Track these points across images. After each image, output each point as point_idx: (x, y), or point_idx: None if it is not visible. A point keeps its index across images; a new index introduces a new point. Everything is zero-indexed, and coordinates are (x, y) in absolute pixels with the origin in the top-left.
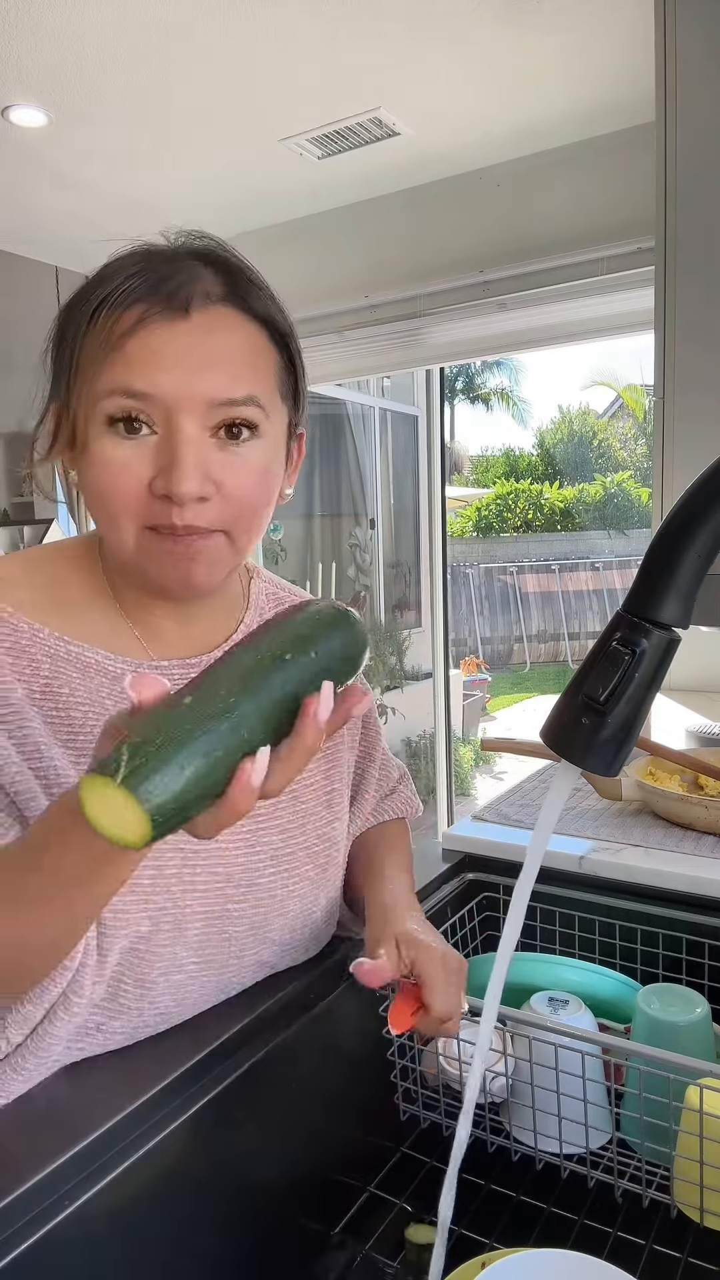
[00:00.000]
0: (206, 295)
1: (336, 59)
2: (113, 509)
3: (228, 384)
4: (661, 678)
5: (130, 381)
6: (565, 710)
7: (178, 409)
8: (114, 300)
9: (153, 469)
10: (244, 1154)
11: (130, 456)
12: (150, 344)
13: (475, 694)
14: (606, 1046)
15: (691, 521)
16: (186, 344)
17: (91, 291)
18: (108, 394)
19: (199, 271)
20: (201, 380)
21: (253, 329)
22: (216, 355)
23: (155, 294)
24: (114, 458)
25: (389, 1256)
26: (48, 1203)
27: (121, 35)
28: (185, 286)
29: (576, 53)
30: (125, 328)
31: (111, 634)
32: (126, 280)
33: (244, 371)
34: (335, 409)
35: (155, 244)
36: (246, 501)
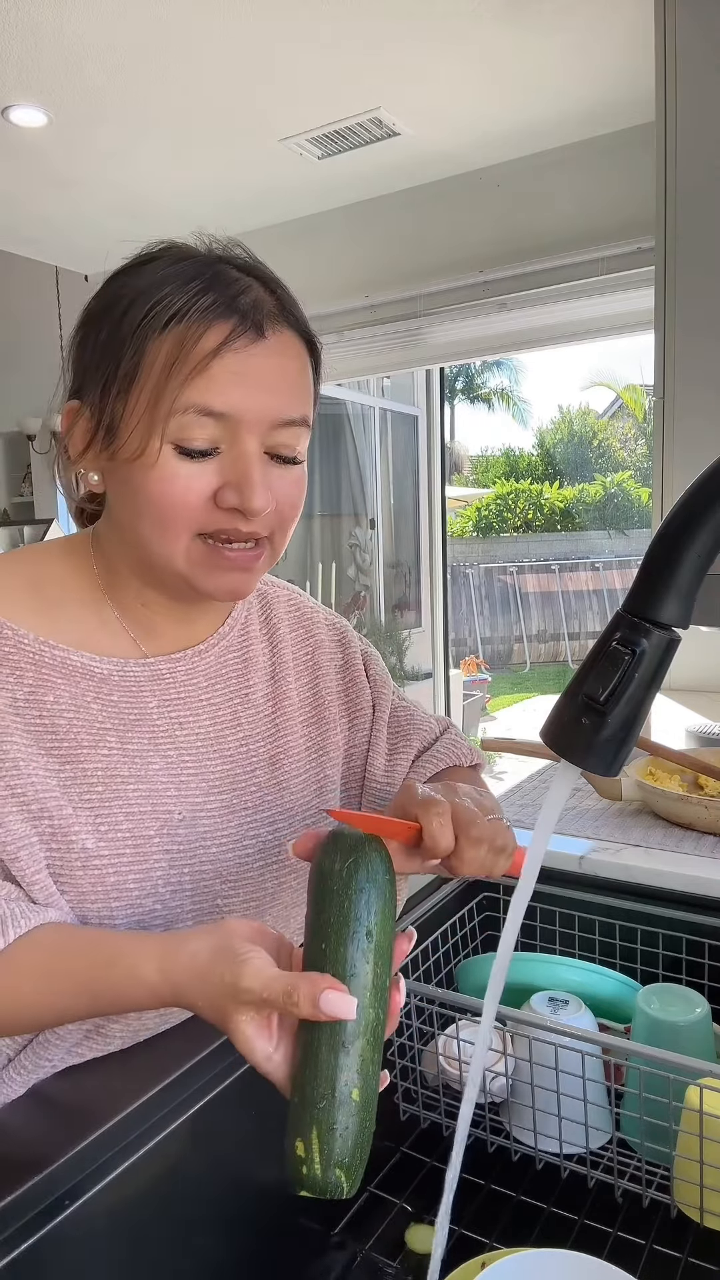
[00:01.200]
0: (271, 315)
1: (336, 59)
2: (170, 519)
3: (291, 405)
4: (661, 678)
5: (210, 401)
6: (565, 710)
7: (246, 428)
8: (189, 315)
9: (217, 482)
10: (244, 1154)
11: (195, 471)
12: (233, 366)
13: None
14: (606, 1046)
15: (691, 521)
16: (262, 366)
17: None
18: (183, 410)
19: (256, 289)
20: (272, 402)
21: (302, 348)
22: (285, 378)
23: (232, 314)
24: (181, 472)
25: (389, 1256)
26: (48, 1203)
27: (121, 35)
28: (257, 307)
29: (576, 53)
30: (208, 348)
31: (101, 632)
32: (197, 295)
33: (301, 393)
34: (335, 409)
35: (189, 248)
36: (293, 511)
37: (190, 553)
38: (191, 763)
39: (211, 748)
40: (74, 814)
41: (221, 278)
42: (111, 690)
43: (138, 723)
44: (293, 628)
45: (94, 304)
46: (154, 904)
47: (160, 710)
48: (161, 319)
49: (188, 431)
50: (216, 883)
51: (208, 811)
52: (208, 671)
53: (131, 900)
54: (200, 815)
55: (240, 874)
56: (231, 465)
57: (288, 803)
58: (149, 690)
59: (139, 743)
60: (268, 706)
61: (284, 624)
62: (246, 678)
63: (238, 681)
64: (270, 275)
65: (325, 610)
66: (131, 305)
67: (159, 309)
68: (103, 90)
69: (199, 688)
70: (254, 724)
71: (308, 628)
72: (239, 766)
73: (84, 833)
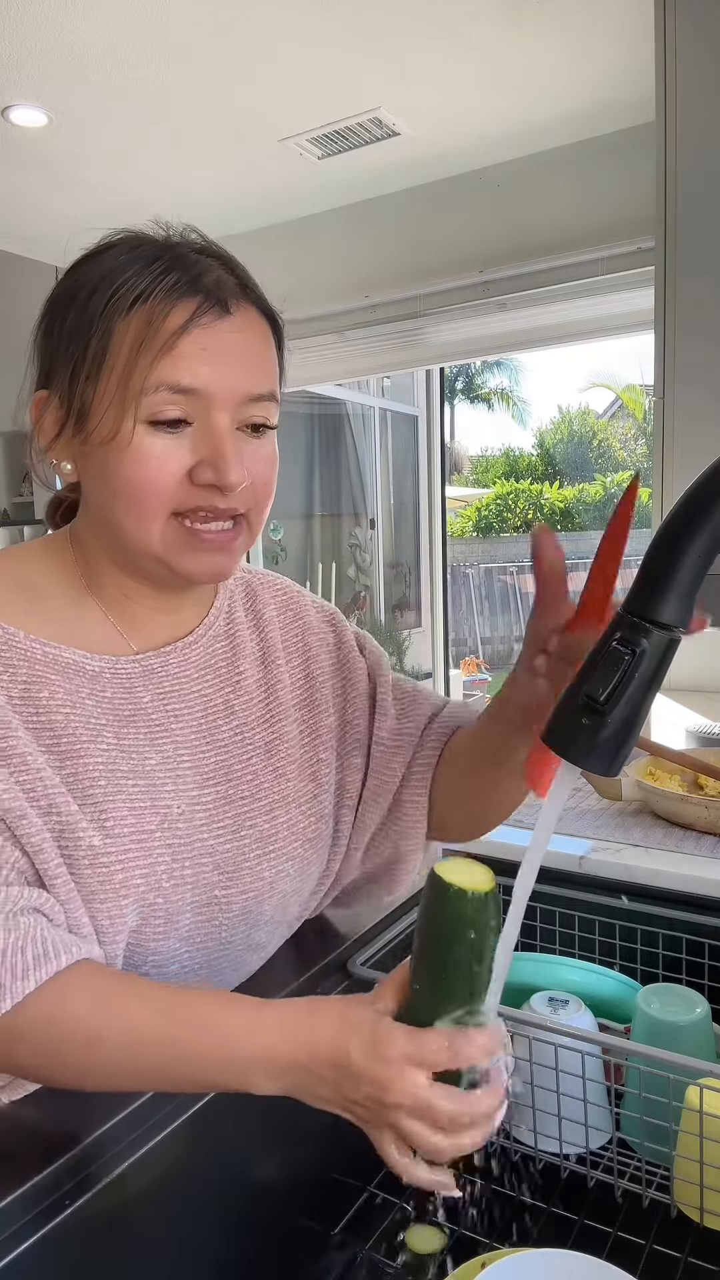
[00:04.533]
0: (234, 293)
1: (336, 59)
2: (146, 499)
3: (260, 379)
4: (662, 677)
5: (179, 377)
6: (565, 710)
7: (216, 404)
8: (154, 295)
9: (191, 459)
10: (244, 1154)
11: (169, 449)
12: (201, 342)
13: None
14: (606, 1046)
15: (691, 521)
16: (229, 341)
17: (112, 282)
18: (154, 389)
19: (215, 267)
20: (241, 376)
21: (266, 325)
22: (252, 353)
23: (197, 292)
24: (154, 450)
25: (389, 1257)
26: (48, 1203)
27: (121, 35)
28: (220, 285)
29: (576, 53)
30: (176, 324)
31: (88, 629)
32: (160, 276)
33: (268, 367)
34: (335, 409)
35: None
36: (268, 487)
37: (166, 534)
38: (187, 755)
39: (205, 739)
40: (79, 811)
41: (182, 259)
42: (104, 686)
43: (132, 718)
44: (280, 611)
45: (56, 292)
46: (156, 898)
47: (155, 704)
48: (127, 300)
49: (158, 409)
50: (214, 874)
51: (203, 804)
52: (198, 663)
53: (138, 895)
54: (196, 808)
55: (238, 865)
56: (205, 441)
57: (284, 790)
58: (141, 685)
59: (135, 738)
60: (260, 692)
61: (270, 608)
62: (237, 665)
63: (228, 670)
64: (227, 256)
65: (313, 596)
66: (96, 289)
67: (124, 290)
68: (103, 90)
69: (191, 679)
70: (248, 710)
71: (295, 611)
72: (234, 756)
73: (90, 830)
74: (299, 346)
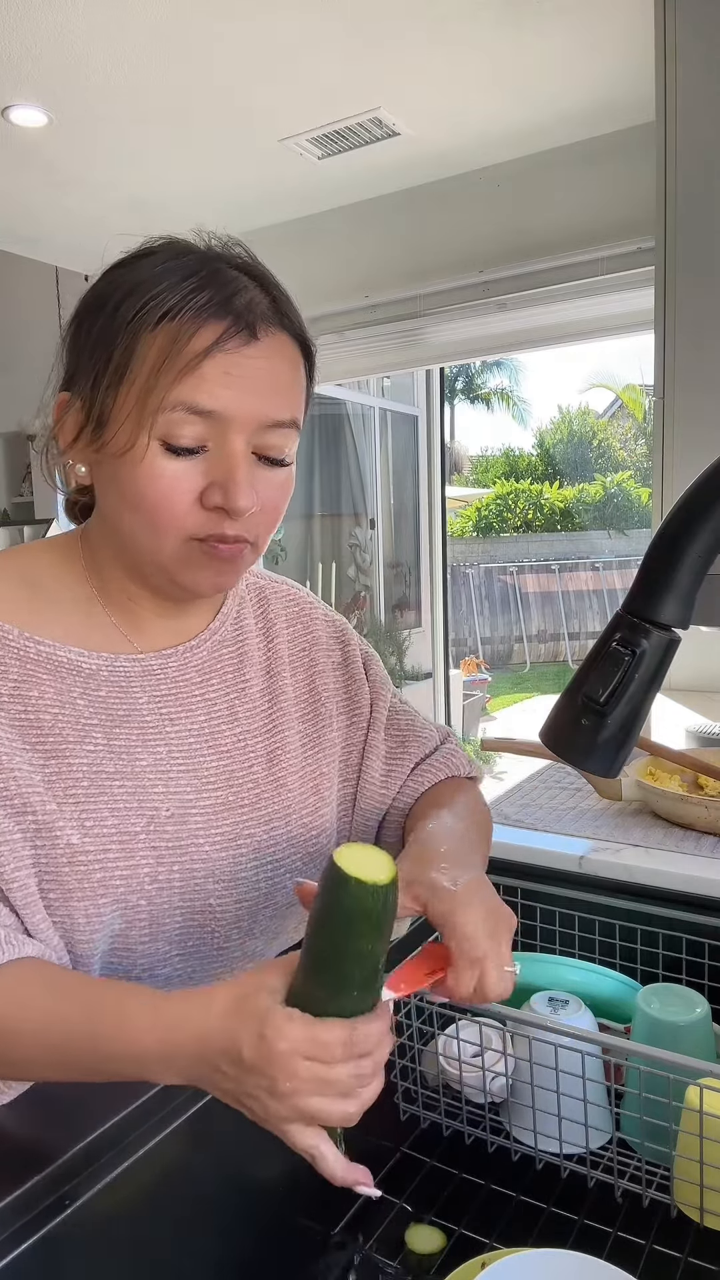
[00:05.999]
0: (265, 317)
1: (336, 59)
2: (159, 519)
3: (280, 407)
4: (661, 678)
5: (199, 399)
6: (565, 711)
7: (234, 428)
8: (183, 313)
9: (203, 481)
10: (244, 1154)
11: (182, 469)
12: (224, 365)
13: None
14: (606, 1046)
15: (691, 521)
16: (254, 368)
17: (143, 294)
18: (172, 408)
19: (254, 291)
20: (261, 403)
21: (295, 351)
22: (276, 380)
23: (226, 315)
24: (167, 469)
25: (389, 1256)
26: (48, 1203)
27: (121, 35)
28: (251, 309)
29: (576, 53)
30: (200, 347)
31: (91, 629)
32: (192, 294)
33: (292, 395)
34: (335, 409)
35: (188, 244)
36: (277, 513)
37: (181, 553)
38: (182, 759)
39: (206, 743)
40: (58, 809)
41: (218, 276)
42: (99, 686)
43: (126, 718)
44: (290, 623)
45: (89, 296)
46: (139, 900)
47: (150, 706)
48: (155, 315)
49: (175, 429)
50: (209, 882)
51: (200, 809)
52: (201, 667)
53: (117, 897)
54: (191, 812)
55: (234, 874)
56: (218, 464)
57: (285, 801)
58: (139, 685)
59: (126, 738)
60: (264, 702)
61: (281, 619)
62: (242, 672)
63: (234, 676)
64: (267, 276)
65: (325, 607)
66: (125, 299)
67: (152, 305)
68: (103, 90)
69: (192, 683)
70: (251, 719)
71: (305, 623)
72: (235, 762)
73: (69, 828)
74: None
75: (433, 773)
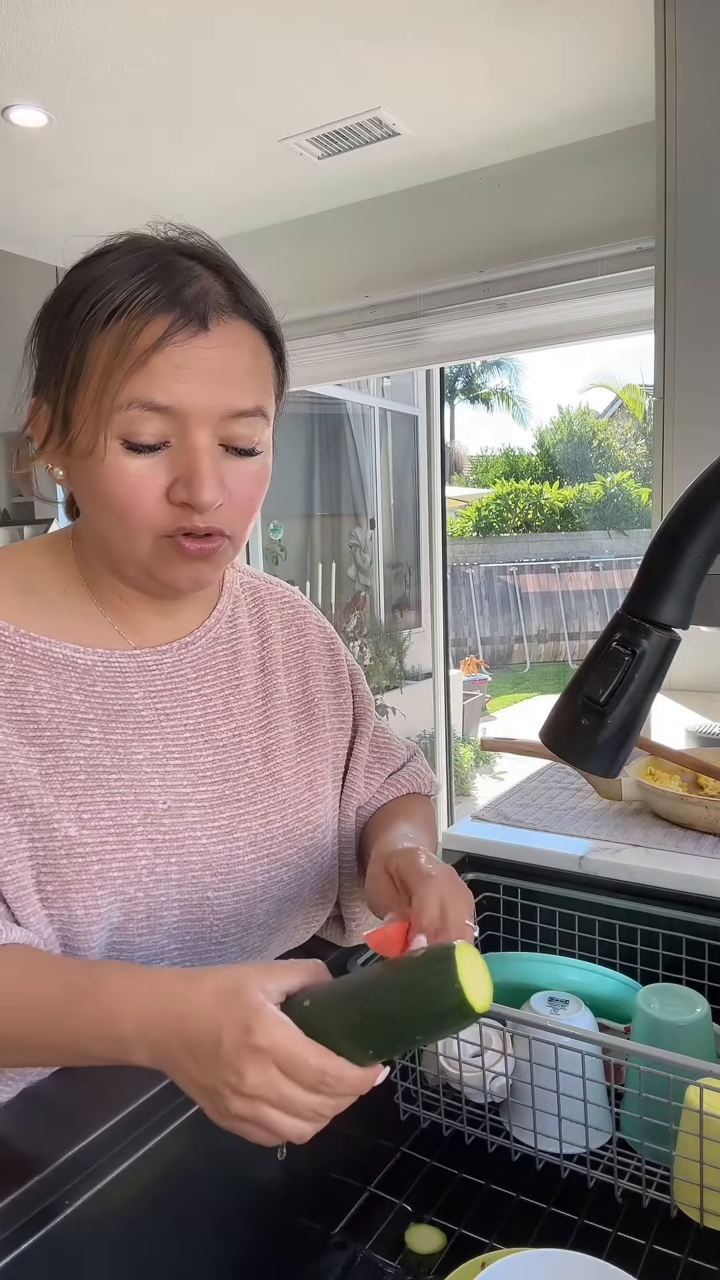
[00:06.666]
0: (219, 306)
1: (336, 59)
2: (129, 518)
3: (240, 396)
4: (661, 678)
5: (153, 395)
6: (565, 711)
7: (194, 421)
8: (131, 310)
9: (168, 477)
10: (244, 1154)
11: (145, 467)
12: (174, 359)
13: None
14: (606, 1046)
15: (691, 521)
16: (207, 359)
17: (94, 293)
18: (126, 405)
19: (206, 280)
20: (219, 394)
21: (257, 338)
22: (232, 369)
23: (174, 308)
24: (130, 468)
25: (389, 1256)
26: (48, 1203)
27: (121, 35)
28: (201, 299)
29: (576, 53)
30: (149, 342)
31: (86, 626)
32: (140, 289)
33: (253, 383)
34: (335, 409)
35: (146, 238)
36: (251, 505)
37: (155, 549)
38: (178, 753)
39: (202, 738)
40: (55, 802)
41: (168, 268)
42: (95, 681)
43: (122, 713)
44: (285, 624)
45: (49, 299)
46: (136, 892)
47: (146, 701)
48: (104, 314)
49: (134, 426)
50: (205, 874)
51: (197, 802)
52: (196, 663)
53: (115, 889)
54: (188, 805)
55: (231, 866)
56: (181, 459)
57: (280, 795)
58: (134, 681)
59: (122, 733)
60: (258, 699)
61: (275, 620)
62: (236, 669)
63: (228, 672)
64: (224, 263)
65: (316, 612)
66: (78, 300)
67: (102, 304)
68: (103, 90)
69: (187, 679)
70: (245, 714)
71: (299, 626)
72: (231, 756)
73: (66, 820)
74: (299, 347)
75: (398, 786)
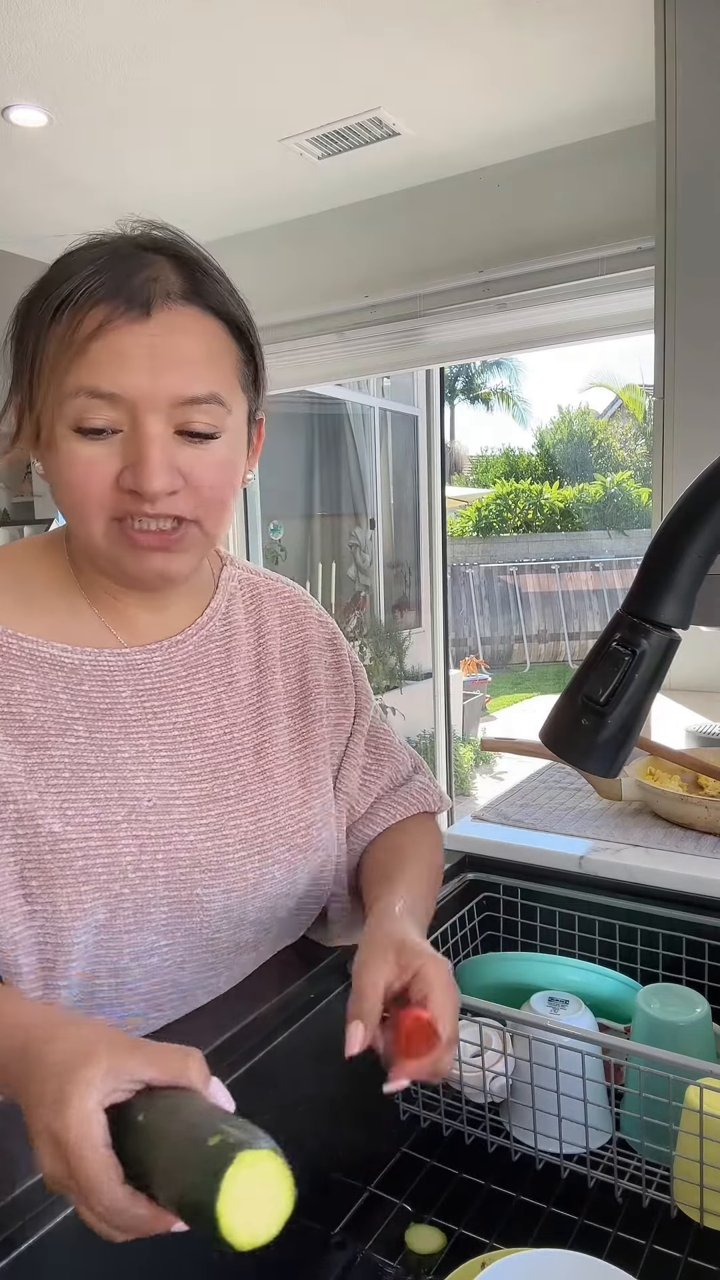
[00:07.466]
0: (167, 294)
1: (336, 59)
2: (80, 504)
3: (189, 382)
4: (661, 678)
5: (96, 383)
6: (565, 711)
7: (142, 408)
8: (76, 300)
9: (120, 463)
10: None
11: (96, 454)
12: (113, 345)
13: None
14: (606, 1046)
15: (691, 521)
16: (149, 344)
17: (52, 287)
18: (73, 394)
19: (160, 268)
20: (164, 380)
21: (212, 326)
22: (178, 355)
23: (117, 295)
24: (81, 455)
25: (389, 1256)
26: (48, 1202)
27: (121, 35)
28: (146, 286)
29: (576, 53)
30: (89, 330)
31: (76, 624)
32: (88, 279)
33: (204, 370)
34: (335, 409)
35: (112, 234)
36: (216, 492)
37: (109, 536)
38: (165, 750)
39: (190, 736)
40: (40, 799)
41: (122, 260)
42: (83, 680)
43: (108, 712)
44: (284, 620)
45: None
46: (122, 888)
47: (133, 699)
48: (53, 306)
49: (82, 414)
50: (194, 871)
51: (184, 799)
52: (187, 661)
53: (100, 884)
54: (174, 802)
55: (220, 863)
56: (131, 447)
57: (272, 792)
58: (122, 680)
59: (108, 731)
60: (252, 695)
61: (274, 615)
62: (229, 666)
63: (221, 670)
64: (188, 254)
65: (318, 607)
66: (37, 297)
67: (53, 296)
68: (103, 90)
69: (177, 677)
70: (238, 712)
71: (299, 621)
72: (221, 754)
73: (50, 817)
74: (299, 347)
75: (405, 805)
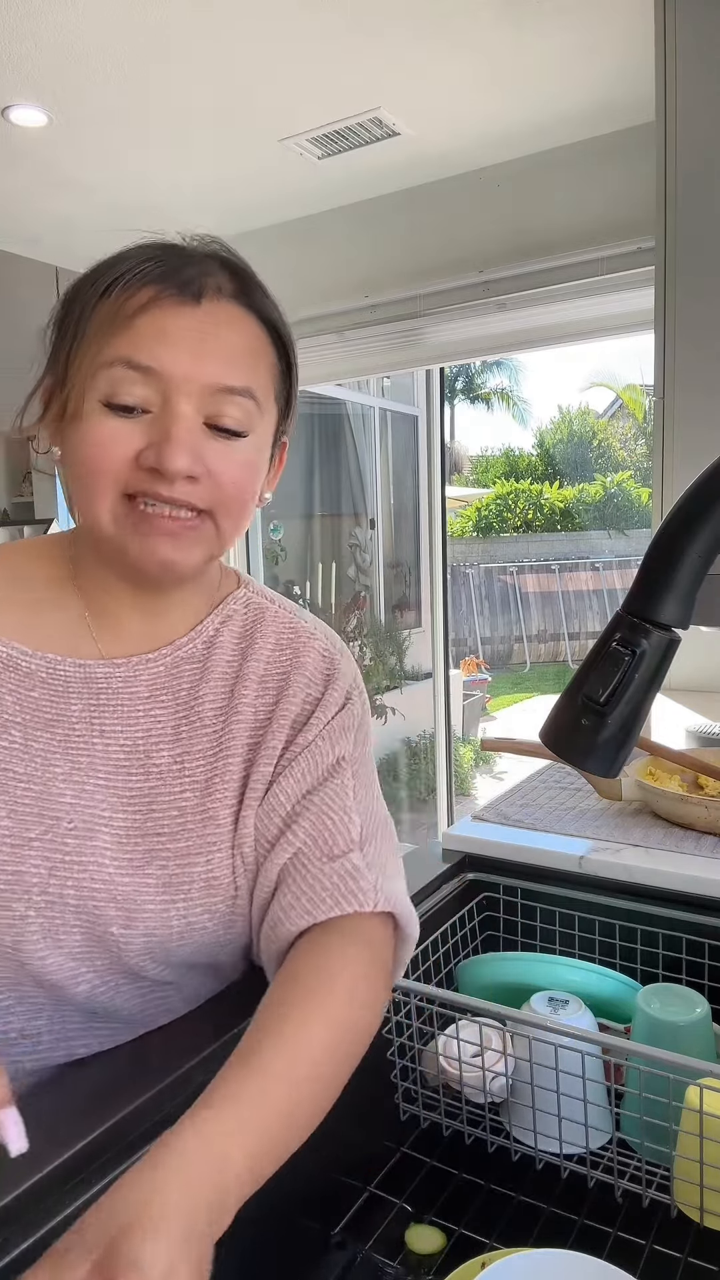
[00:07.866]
0: (218, 289)
1: (336, 59)
2: (94, 476)
3: (228, 371)
4: (661, 678)
5: (135, 354)
6: (565, 711)
7: (176, 389)
8: (128, 279)
9: (143, 442)
10: None
11: (121, 429)
12: (159, 321)
13: (475, 694)
14: (606, 1046)
15: (691, 521)
16: (194, 327)
17: (105, 271)
18: (109, 364)
19: (212, 268)
20: (203, 364)
21: (257, 328)
22: (221, 343)
23: (169, 280)
24: (105, 427)
25: (389, 1256)
26: (47, 1202)
27: (121, 35)
28: (198, 279)
29: (576, 53)
30: (138, 305)
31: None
32: (143, 264)
33: (244, 363)
34: (335, 409)
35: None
36: (237, 489)
37: (116, 512)
38: (105, 772)
39: (138, 761)
40: None
41: (178, 254)
42: (34, 687)
43: (52, 723)
44: (279, 647)
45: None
46: (27, 910)
47: (83, 714)
48: (103, 285)
49: (116, 386)
50: (109, 907)
51: (112, 827)
52: (153, 681)
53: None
54: (99, 829)
55: (139, 904)
56: (158, 424)
57: (210, 836)
58: (76, 693)
59: (46, 743)
60: (217, 722)
61: (269, 640)
62: (198, 690)
63: (188, 695)
64: (238, 265)
65: (328, 645)
66: (87, 281)
67: (105, 276)
68: (103, 90)
69: (139, 697)
70: (195, 739)
71: (295, 649)
72: (166, 784)
73: None
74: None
75: (329, 904)
